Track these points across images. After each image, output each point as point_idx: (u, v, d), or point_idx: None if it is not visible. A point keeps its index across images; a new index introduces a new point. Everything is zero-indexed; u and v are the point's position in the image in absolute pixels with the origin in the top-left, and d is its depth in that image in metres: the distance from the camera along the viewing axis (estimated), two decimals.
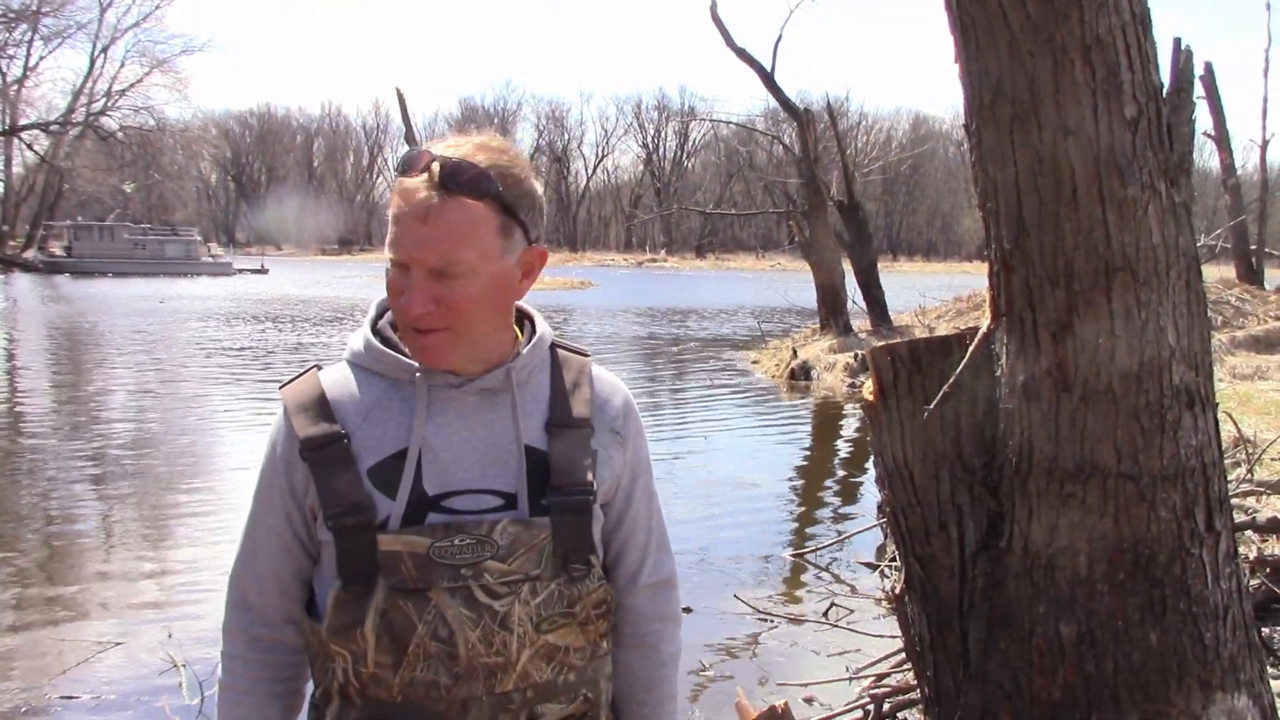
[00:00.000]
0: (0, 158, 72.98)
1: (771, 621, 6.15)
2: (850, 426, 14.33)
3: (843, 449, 13.21)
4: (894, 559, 6.64)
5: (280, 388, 1.70)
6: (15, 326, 27.89)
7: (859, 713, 4.54)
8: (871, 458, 2.74)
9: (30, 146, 70.35)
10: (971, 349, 2.77)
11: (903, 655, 4.66)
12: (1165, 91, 2.67)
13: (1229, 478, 4.20)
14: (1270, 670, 3.19)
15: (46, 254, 66.98)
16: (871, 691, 4.60)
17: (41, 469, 10.37)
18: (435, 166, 1.52)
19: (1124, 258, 2.55)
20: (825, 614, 6.25)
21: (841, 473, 11.64)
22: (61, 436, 12.27)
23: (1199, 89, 18.75)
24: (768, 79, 20.46)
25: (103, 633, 5.81)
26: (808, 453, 12.85)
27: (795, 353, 19.04)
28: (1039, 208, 2.60)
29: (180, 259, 66.56)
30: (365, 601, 1.53)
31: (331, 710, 1.61)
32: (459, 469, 1.60)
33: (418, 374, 1.61)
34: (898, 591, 2.98)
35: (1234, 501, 5.42)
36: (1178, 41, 2.99)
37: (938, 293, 27.88)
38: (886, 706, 4.51)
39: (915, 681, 3.77)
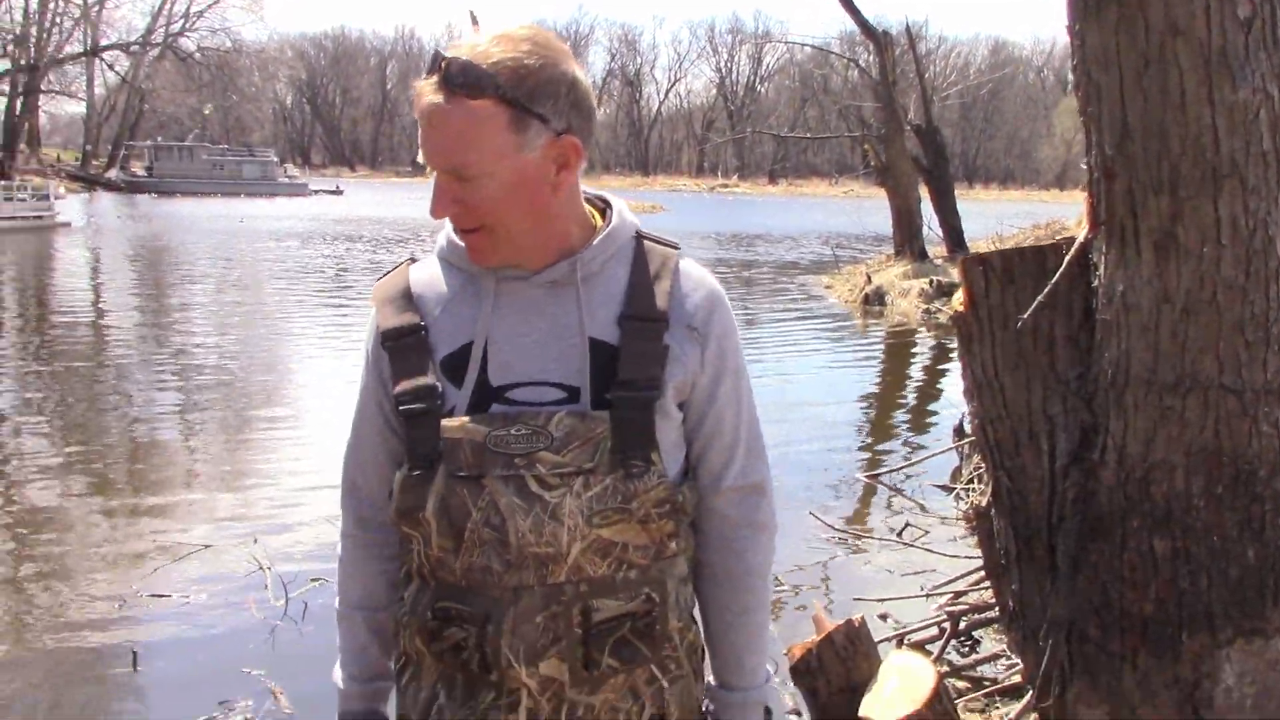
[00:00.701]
0: (83, 78, 73.99)
1: (846, 541, 6.16)
2: (924, 353, 14.21)
3: (916, 374, 13.11)
4: (970, 481, 6.59)
5: (376, 281, 1.72)
6: (100, 244, 28.46)
7: (934, 629, 4.55)
8: (946, 381, 2.68)
9: (111, 67, 71.38)
10: (1069, 258, 2.70)
11: (979, 575, 4.64)
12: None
13: None
14: None
15: (128, 173, 68.14)
16: (948, 609, 4.60)
17: (127, 384, 10.65)
18: (442, 67, 1.49)
19: (1232, 164, 2.45)
20: (899, 534, 6.24)
21: (915, 397, 11.55)
22: (146, 352, 12.58)
23: None
24: (845, 0, 19.99)
25: (190, 537, 5.99)
26: (881, 378, 12.76)
27: (869, 278, 18.85)
28: (1144, 112, 2.50)
29: (257, 180, 67.47)
30: (426, 486, 1.55)
31: (410, 590, 1.65)
32: (522, 361, 1.59)
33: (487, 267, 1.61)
34: (984, 504, 2.95)
35: None
36: None
37: (1015, 220, 27.19)
38: (963, 624, 4.51)
39: (992, 600, 3.74)
